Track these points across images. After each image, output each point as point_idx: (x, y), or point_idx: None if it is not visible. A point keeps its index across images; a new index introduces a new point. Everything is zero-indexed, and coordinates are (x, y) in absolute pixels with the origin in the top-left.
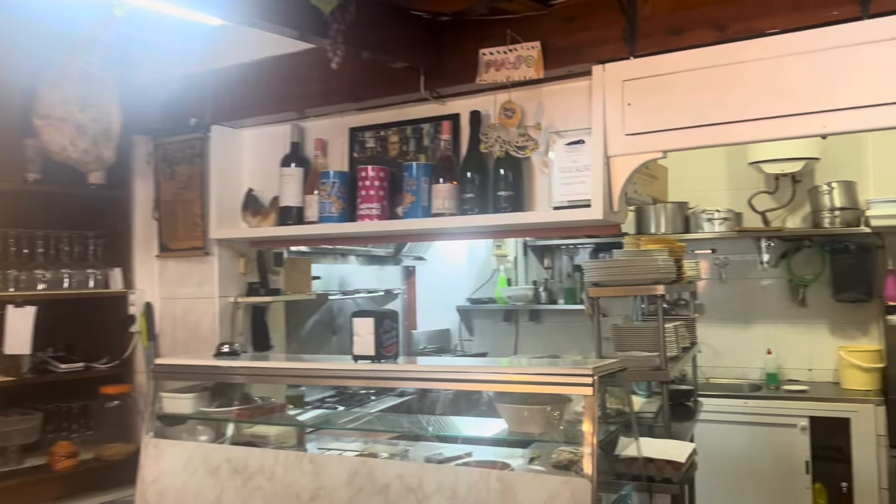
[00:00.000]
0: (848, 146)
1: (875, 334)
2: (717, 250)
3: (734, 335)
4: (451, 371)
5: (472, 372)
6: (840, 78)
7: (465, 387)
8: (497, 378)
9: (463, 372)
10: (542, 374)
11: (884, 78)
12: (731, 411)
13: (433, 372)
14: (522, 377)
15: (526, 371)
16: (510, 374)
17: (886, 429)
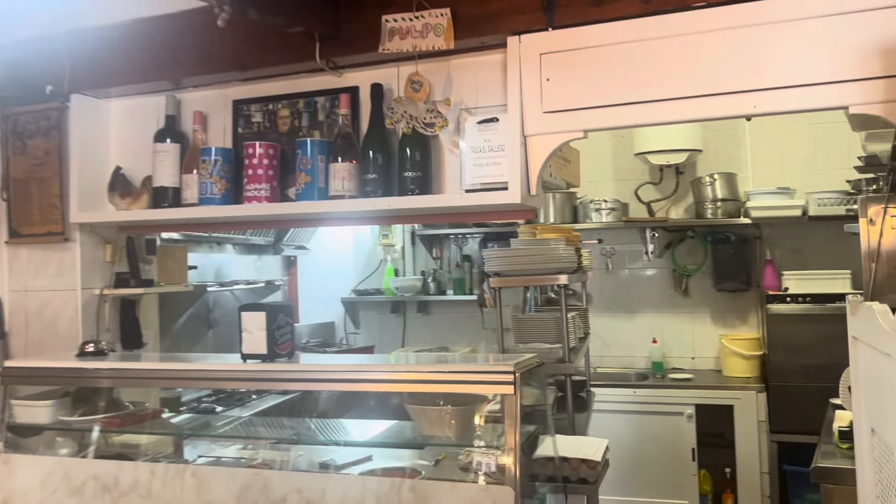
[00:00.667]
0: (728, 138)
1: (754, 322)
2: (603, 240)
3: (620, 324)
4: (358, 371)
5: (383, 371)
6: (772, 55)
7: (377, 388)
8: (412, 377)
9: (373, 372)
10: (459, 373)
11: (818, 56)
12: (619, 400)
13: (339, 372)
14: (439, 376)
15: (442, 369)
16: (426, 373)
17: (767, 415)
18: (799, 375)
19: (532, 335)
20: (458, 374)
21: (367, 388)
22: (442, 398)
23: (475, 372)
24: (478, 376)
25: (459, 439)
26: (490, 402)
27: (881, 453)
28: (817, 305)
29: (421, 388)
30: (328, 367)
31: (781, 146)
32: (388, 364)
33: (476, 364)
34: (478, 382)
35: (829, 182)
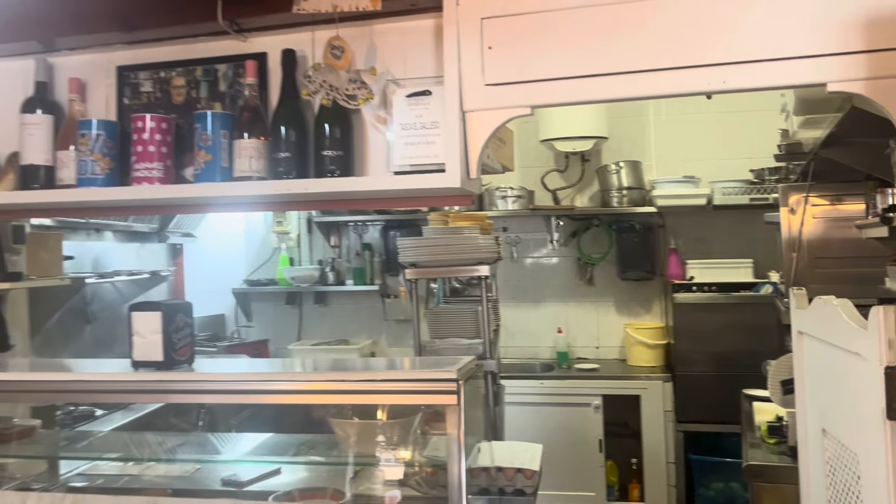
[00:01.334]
0: (634, 126)
1: (657, 311)
2: (508, 228)
3: (525, 314)
4: (275, 381)
5: (305, 381)
6: (743, 25)
7: (298, 399)
8: (340, 388)
9: (292, 381)
10: (394, 381)
11: (794, 27)
12: (527, 392)
13: (251, 382)
14: (371, 385)
15: (375, 377)
16: (356, 383)
17: (673, 404)
18: (704, 364)
19: (448, 329)
20: (394, 383)
21: (287, 401)
22: (371, 409)
23: (413, 380)
24: (416, 385)
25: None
26: (424, 411)
27: (834, 455)
28: (721, 294)
29: (350, 400)
30: (238, 376)
31: (686, 134)
32: (310, 372)
33: (413, 371)
34: (416, 392)
35: (732, 171)
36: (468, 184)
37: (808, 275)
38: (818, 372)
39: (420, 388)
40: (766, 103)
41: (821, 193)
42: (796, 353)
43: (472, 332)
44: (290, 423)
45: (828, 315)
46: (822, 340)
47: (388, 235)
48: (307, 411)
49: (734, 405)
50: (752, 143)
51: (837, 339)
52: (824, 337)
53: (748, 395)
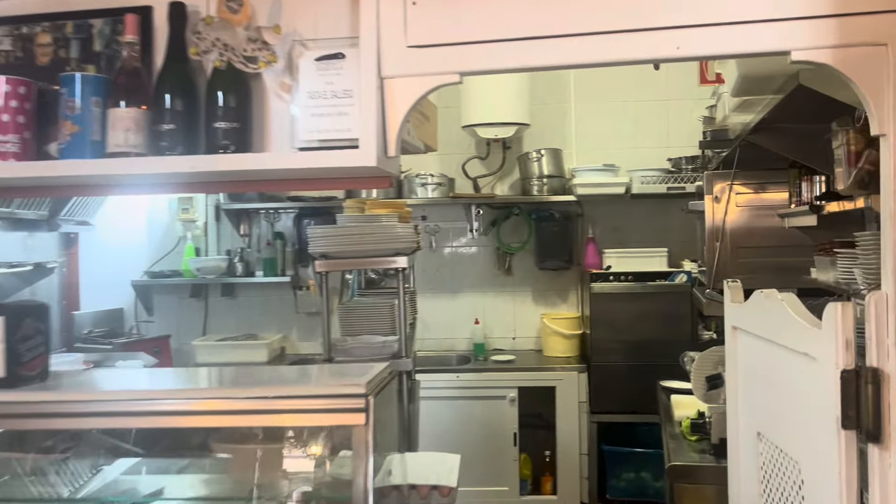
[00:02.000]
0: (555, 113)
1: (574, 301)
2: (428, 217)
3: (442, 305)
4: (147, 400)
5: (183, 401)
6: None
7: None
8: (227, 407)
9: (168, 401)
10: (293, 399)
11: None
12: (442, 386)
13: (118, 402)
14: (264, 404)
15: (268, 394)
16: (247, 402)
17: (588, 395)
18: (619, 354)
19: (362, 326)
20: (292, 400)
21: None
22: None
23: (315, 397)
24: (319, 402)
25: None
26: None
27: (771, 460)
28: (637, 283)
29: (235, 422)
30: (99, 395)
31: (606, 123)
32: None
33: (315, 386)
34: (318, 411)
35: (650, 160)
36: (386, 163)
37: (731, 265)
38: (755, 371)
39: (322, 407)
40: (684, 92)
41: (745, 181)
42: (729, 349)
43: (388, 328)
44: (166, 447)
45: (770, 310)
46: (762, 338)
47: (302, 224)
48: (187, 433)
49: (648, 395)
50: (670, 132)
51: (782, 336)
52: (765, 334)
53: (665, 387)
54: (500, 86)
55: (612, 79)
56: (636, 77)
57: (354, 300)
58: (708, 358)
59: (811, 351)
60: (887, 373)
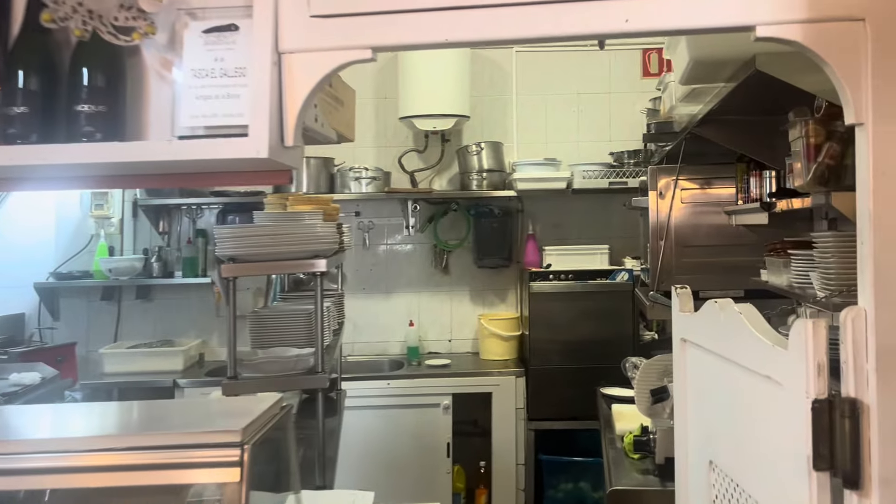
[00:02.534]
0: (495, 106)
1: (512, 301)
2: (361, 213)
3: (375, 306)
4: None
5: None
6: None
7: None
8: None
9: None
10: (151, 450)
11: None
12: (372, 394)
13: None
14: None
15: (121, 445)
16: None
17: (525, 401)
18: (558, 357)
19: (275, 337)
20: (148, 453)
21: None
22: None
23: (177, 448)
24: (181, 455)
25: None
26: None
27: (725, 493)
28: (578, 282)
29: (74, 483)
30: None
31: (547, 116)
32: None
33: (178, 434)
34: (181, 467)
35: (591, 154)
36: (282, 154)
37: (676, 264)
38: (707, 390)
39: (186, 461)
40: (627, 85)
41: (690, 176)
42: (678, 362)
43: (305, 340)
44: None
45: (726, 324)
46: (716, 354)
47: (227, 220)
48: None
49: (588, 401)
50: (612, 126)
51: (740, 355)
52: (720, 350)
53: (606, 395)
54: (440, 76)
55: (555, 70)
56: (579, 68)
57: (267, 309)
58: (652, 368)
59: (775, 374)
60: (867, 404)
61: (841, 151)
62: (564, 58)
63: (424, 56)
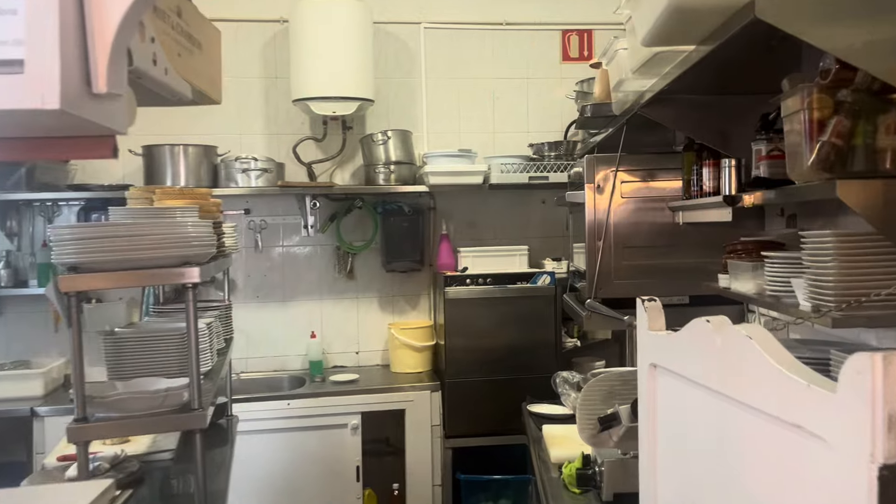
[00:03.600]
0: (402, 90)
1: (425, 308)
2: (252, 210)
3: (272, 317)
4: None
5: None
6: None
7: None
8: None
9: None
10: None
11: None
12: (270, 416)
13: None
14: None
15: None
16: None
17: (441, 417)
18: (477, 369)
19: (138, 365)
20: None
21: None
22: None
23: None
24: None
25: None
26: None
27: None
28: (497, 287)
29: None
30: None
31: (459, 102)
32: None
33: None
34: None
35: (506, 146)
36: (89, 106)
37: (615, 267)
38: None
39: None
40: (546, 70)
41: (631, 167)
42: (646, 392)
43: (179, 366)
44: None
45: (725, 351)
46: (706, 388)
47: (91, 219)
48: None
49: (510, 415)
50: (530, 115)
51: (748, 393)
52: (713, 384)
53: (534, 413)
54: (339, 53)
55: (468, 51)
56: (494, 50)
57: (133, 326)
58: (596, 390)
59: (814, 426)
60: None
61: (850, 129)
62: (478, 37)
63: (320, 30)
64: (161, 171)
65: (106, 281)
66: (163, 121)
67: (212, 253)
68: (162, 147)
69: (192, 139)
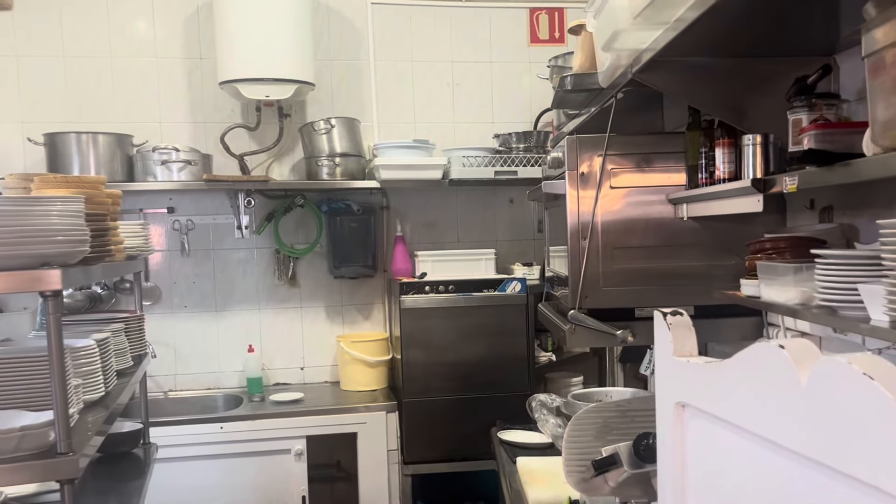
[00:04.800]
0: (348, 73)
1: (379, 318)
2: (176, 209)
3: (203, 329)
4: None
5: None
6: None
7: None
8: None
9: None
10: None
11: None
12: (201, 441)
13: None
14: None
15: None
16: None
17: (399, 440)
18: (439, 385)
19: None
20: None
21: None
22: None
23: None
24: None
25: None
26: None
27: None
28: (461, 295)
29: None
30: None
31: (413, 88)
32: None
33: None
34: None
35: (468, 137)
36: None
37: (604, 271)
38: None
39: None
40: (512, 54)
41: (622, 151)
42: (668, 435)
43: (43, 398)
44: None
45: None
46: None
47: None
48: None
49: (476, 438)
50: (494, 103)
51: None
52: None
53: (507, 441)
54: (272, 28)
55: (422, 31)
56: (453, 31)
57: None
58: (587, 424)
59: None
60: None
61: None
62: (434, 15)
63: (249, 2)
64: (66, 162)
65: None
66: (70, 106)
67: (83, 252)
68: (67, 135)
69: (105, 127)
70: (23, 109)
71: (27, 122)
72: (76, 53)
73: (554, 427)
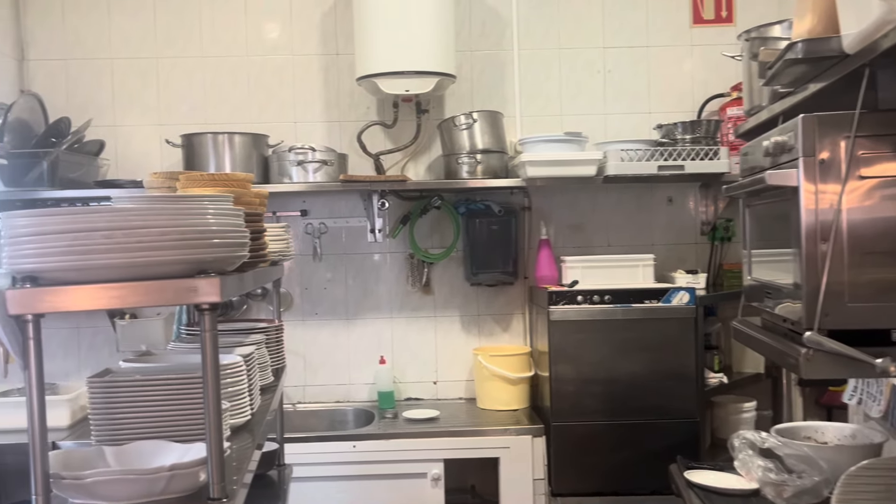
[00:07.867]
0: (490, 64)
1: (519, 330)
2: (309, 211)
3: (334, 338)
4: None
5: None
6: None
7: None
8: None
9: None
10: None
11: None
12: (331, 461)
13: None
14: None
15: None
16: None
17: (546, 469)
18: (593, 408)
19: (136, 423)
20: None
21: None
22: None
23: None
24: None
25: None
26: None
27: None
28: (619, 307)
29: None
30: None
31: (560, 78)
32: None
33: None
34: None
35: (620, 130)
36: None
37: (850, 281)
38: None
39: None
40: (672, 37)
41: (874, 133)
42: None
43: (192, 427)
44: None
45: None
46: None
47: None
48: None
49: (637, 468)
50: (651, 92)
51: None
52: None
53: (700, 486)
54: (412, 20)
55: (571, 16)
56: (604, 14)
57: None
58: (864, 482)
59: None
60: None
61: None
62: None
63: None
64: (203, 163)
65: (75, 298)
66: (206, 107)
67: (242, 257)
68: (204, 136)
69: (240, 128)
70: (160, 112)
71: (165, 124)
72: (214, 53)
73: (762, 471)
